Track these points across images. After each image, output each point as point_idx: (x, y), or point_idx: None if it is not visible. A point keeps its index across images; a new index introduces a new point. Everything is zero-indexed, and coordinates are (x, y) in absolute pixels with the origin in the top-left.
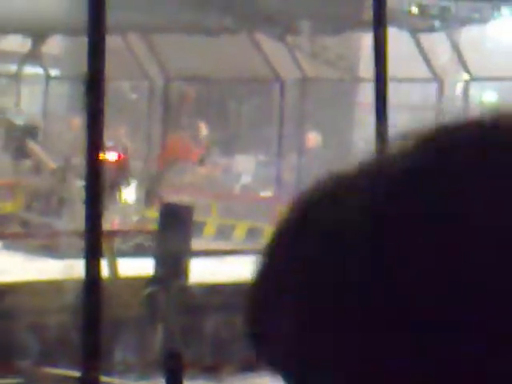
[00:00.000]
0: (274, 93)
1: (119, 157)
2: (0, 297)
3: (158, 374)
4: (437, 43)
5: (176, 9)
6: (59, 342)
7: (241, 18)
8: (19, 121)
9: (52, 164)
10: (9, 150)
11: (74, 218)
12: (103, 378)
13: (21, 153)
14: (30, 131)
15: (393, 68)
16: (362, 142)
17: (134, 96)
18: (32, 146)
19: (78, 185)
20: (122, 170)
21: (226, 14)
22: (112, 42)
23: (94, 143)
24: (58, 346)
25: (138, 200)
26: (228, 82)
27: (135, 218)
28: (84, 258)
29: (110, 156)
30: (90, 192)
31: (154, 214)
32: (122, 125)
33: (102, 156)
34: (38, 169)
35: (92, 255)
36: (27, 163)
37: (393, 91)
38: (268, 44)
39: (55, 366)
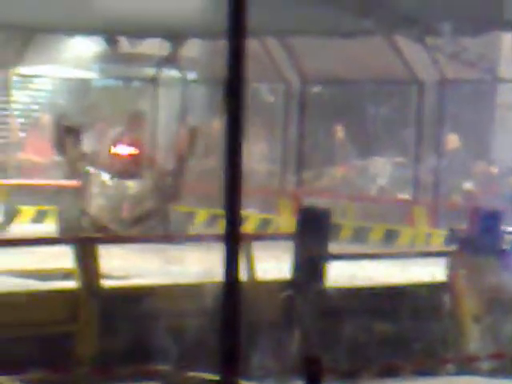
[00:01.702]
0: (412, 94)
1: (135, 152)
2: (139, 300)
3: (296, 378)
4: None
5: (313, 12)
6: (198, 345)
7: (378, 20)
8: (68, 122)
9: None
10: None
11: None
12: (242, 382)
13: (61, 151)
14: (71, 131)
15: None
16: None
17: (271, 99)
18: (69, 144)
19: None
20: (134, 164)
21: (364, 16)
22: (248, 44)
23: (235, 147)
24: (197, 350)
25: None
26: (365, 84)
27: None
28: (223, 262)
29: (123, 150)
30: (229, 196)
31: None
32: (259, 127)
33: (116, 150)
34: (72, 169)
35: (231, 259)
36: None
37: None
38: (405, 45)
39: (194, 369)
